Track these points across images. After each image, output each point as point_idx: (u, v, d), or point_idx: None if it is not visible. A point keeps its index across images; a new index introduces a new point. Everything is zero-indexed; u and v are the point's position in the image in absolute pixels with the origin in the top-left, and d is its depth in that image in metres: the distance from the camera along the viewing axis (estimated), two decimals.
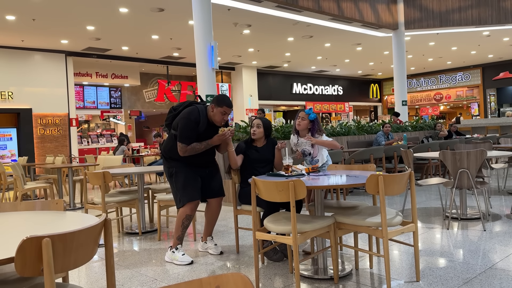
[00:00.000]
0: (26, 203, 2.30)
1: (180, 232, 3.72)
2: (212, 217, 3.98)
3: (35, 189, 7.28)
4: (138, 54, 13.98)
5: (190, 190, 3.67)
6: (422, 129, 11.47)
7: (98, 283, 3.27)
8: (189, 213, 3.70)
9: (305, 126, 4.05)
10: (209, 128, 3.66)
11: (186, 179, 3.67)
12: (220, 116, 3.62)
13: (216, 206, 3.95)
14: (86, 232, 1.56)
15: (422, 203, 5.95)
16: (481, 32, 13.45)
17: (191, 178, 3.70)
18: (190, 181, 3.68)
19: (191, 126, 3.55)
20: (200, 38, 7.76)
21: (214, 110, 3.62)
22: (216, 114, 3.61)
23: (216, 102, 3.62)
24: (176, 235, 3.74)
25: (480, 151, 4.34)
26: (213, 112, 3.63)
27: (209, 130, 3.65)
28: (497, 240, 3.89)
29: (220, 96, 3.68)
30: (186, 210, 3.69)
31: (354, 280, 3.07)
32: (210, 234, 4.03)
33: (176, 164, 3.70)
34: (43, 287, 1.77)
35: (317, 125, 4.05)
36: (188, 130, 3.55)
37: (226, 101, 3.64)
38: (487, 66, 19.90)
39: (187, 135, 3.55)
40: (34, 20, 9.80)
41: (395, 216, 2.93)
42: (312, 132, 4.04)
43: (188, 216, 3.71)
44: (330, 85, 21.60)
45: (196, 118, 3.57)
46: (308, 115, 4.03)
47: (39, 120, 12.64)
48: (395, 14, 12.35)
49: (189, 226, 3.80)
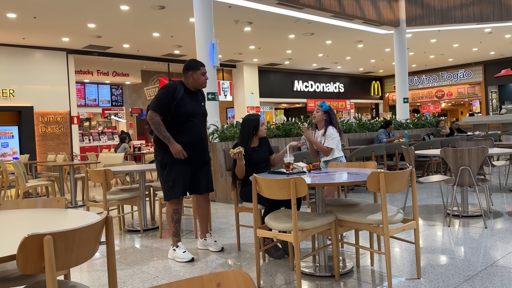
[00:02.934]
0: (27, 201, 2.31)
1: (173, 228, 3.73)
2: (204, 212, 3.97)
3: (36, 187, 7.29)
4: (139, 51, 13.97)
5: (179, 187, 3.65)
6: (424, 126, 11.46)
7: (99, 280, 3.29)
8: (175, 207, 3.72)
9: (320, 118, 4.38)
10: (190, 97, 3.67)
11: (178, 175, 3.64)
12: (201, 78, 3.69)
13: (204, 202, 3.95)
14: (88, 229, 1.56)
15: (423, 200, 5.95)
16: (483, 29, 13.41)
17: (183, 175, 3.66)
18: (181, 178, 3.65)
19: (166, 93, 3.55)
20: (201, 36, 7.75)
21: (194, 76, 3.67)
22: (198, 78, 3.68)
23: (193, 68, 3.67)
24: (171, 232, 3.75)
25: (482, 148, 4.34)
26: (193, 79, 3.67)
27: (190, 99, 3.66)
28: (498, 237, 3.89)
29: (191, 61, 3.74)
30: (172, 205, 3.72)
31: (355, 277, 3.07)
32: (208, 230, 4.02)
33: (171, 157, 3.60)
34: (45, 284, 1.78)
35: (333, 118, 4.37)
36: (163, 97, 3.54)
37: (200, 62, 3.74)
38: (489, 63, 19.84)
39: (161, 101, 3.54)
40: (35, 18, 9.80)
41: (396, 213, 2.93)
42: (327, 124, 4.35)
43: (175, 210, 3.72)
44: (331, 82, 21.56)
45: (172, 87, 3.58)
46: (321, 107, 4.37)
47: (40, 118, 12.66)
48: (396, 11, 12.32)
49: (181, 220, 3.79)
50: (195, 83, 3.69)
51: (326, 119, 4.37)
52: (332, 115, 4.37)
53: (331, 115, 4.36)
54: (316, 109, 4.41)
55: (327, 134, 4.32)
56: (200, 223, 4.00)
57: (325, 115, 4.36)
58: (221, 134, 6.98)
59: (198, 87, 3.75)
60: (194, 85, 3.70)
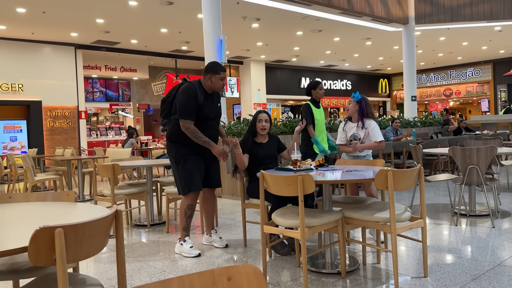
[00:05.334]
0: (37, 194, 2.33)
1: (184, 222, 3.75)
2: (210, 208, 4.00)
3: (44, 181, 7.35)
4: (147, 47, 14.01)
5: (195, 180, 3.67)
6: (432, 124, 11.39)
7: (107, 274, 3.31)
8: (190, 203, 3.73)
9: (353, 110, 4.15)
10: (207, 100, 3.67)
11: (194, 168, 3.66)
12: (220, 82, 3.66)
13: (211, 197, 3.98)
14: (98, 223, 1.58)
15: (430, 199, 5.92)
16: (493, 27, 13.27)
17: (198, 168, 3.69)
18: (197, 171, 3.68)
19: (190, 100, 3.54)
20: (209, 32, 7.75)
21: (213, 79, 3.65)
22: (216, 82, 3.65)
23: (212, 71, 3.65)
24: (181, 226, 3.78)
25: (490, 147, 4.31)
26: (211, 82, 3.66)
27: (207, 102, 3.67)
28: (506, 237, 3.87)
29: (212, 64, 3.71)
30: (187, 200, 3.72)
31: (361, 275, 3.07)
32: (213, 226, 4.04)
33: (185, 151, 3.65)
34: (55, 276, 1.80)
35: (366, 107, 4.12)
36: (189, 103, 3.54)
37: (221, 67, 3.68)
38: (498, 61, 19.65)
39: (188, 108, 3.54)
40: (44, 13, 9.85)
41: (403, 211, 2.92)
42: (362, 115, 4.12)
43: (190, 206, 3.73)
44: (338, 79, 21.48)
45: (193, 91, 3.58)
46: (353, 98, 4.16)
47: (48, 113, 12.75)
48: (405, 8, 12.23)
49: (193, 216, 3.82)
50: (213, 86, 3.68)
51: (359, 110, 4.12)
52: (364, 105, 4.12)
53: (363, 105, 4.11)
54: (348, 101, 4.22)
55: (370, 129, 4.07)
56: (206, 219, 4.03)
57: (357, 105, 4.12)
58: (228, 130, 6.99)
59: (215, 90, 3.75)
60: (211, 88, 3.70)
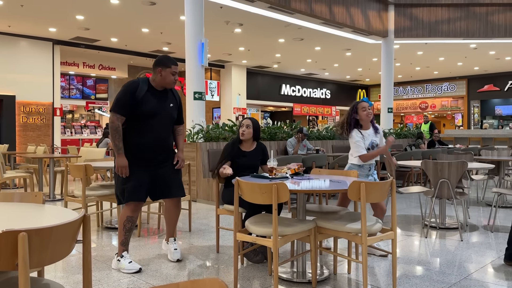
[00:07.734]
0: (4, 194, 2.26)
1: (123, 236, 3.40)
2: (170, 218, 3.70)
3: (14, 179, 7.14)
4: (127, 46, 13.84)
5: (134, 188, 3.36)
6: (406, 137, 11.62)
7: (74, 278, 3.23)
8: (130, 215, 3.40)
9: (371, 116, 3.97)
10: (153, 97, 3.39)
11: (132, 175, 3.35)
12: (171, 77, 3.40)
13: (172, 207, 3.64)
14: (64, 227, 1.54)
15: (402, 210, 6.02)
16: (468, 45, 13.68)
17: (138, 176, 3.37)
18: (137, 179, 3.36)
19: (125, 93, 3.31)
20: (191, 34, 7.72)
21: (163, 73, 3.37)
22: (166, 76, 3.38)
23: (163, 64, 3.38)
24: (119, 241, 3.42)
25: (461, 162, 4.42)
26: (162, 76, 3.38)
27: (152, 99, 3.38)
28: (473, 250, 3.97)
29: (163, 57, 3.44)
30: (127, 211, 3.40)
31: (331, 284, 3.09)
32: (173, 235, 3.75)
33: (128, 159, 3.35)
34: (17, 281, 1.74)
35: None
36: (122, 96, 3.31)
37: (172, 60, 3.43)
38: (473, 78, 20.25)
39: (121, 102, 3.30)
40: (22, 6, 9.61)
41: (375, 223, 2.96)
42: (372, 121, 4.01)
43: (130, 218, 3.39)
44: (318, 88, 21.72)
45: (133, 86, 3.34)
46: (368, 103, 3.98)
47: (22, 108, 12.41)
48: (385, 21, 12.47)
49: (133, 230, 3.46)
50: (163, 81, 3.41)
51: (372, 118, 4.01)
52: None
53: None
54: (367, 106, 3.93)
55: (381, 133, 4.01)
56: (166, 226, 3.78)
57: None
58: (206, 134, 6.94)
59: (165, 86, 3.45)
60: (161, 83, 3.42)
